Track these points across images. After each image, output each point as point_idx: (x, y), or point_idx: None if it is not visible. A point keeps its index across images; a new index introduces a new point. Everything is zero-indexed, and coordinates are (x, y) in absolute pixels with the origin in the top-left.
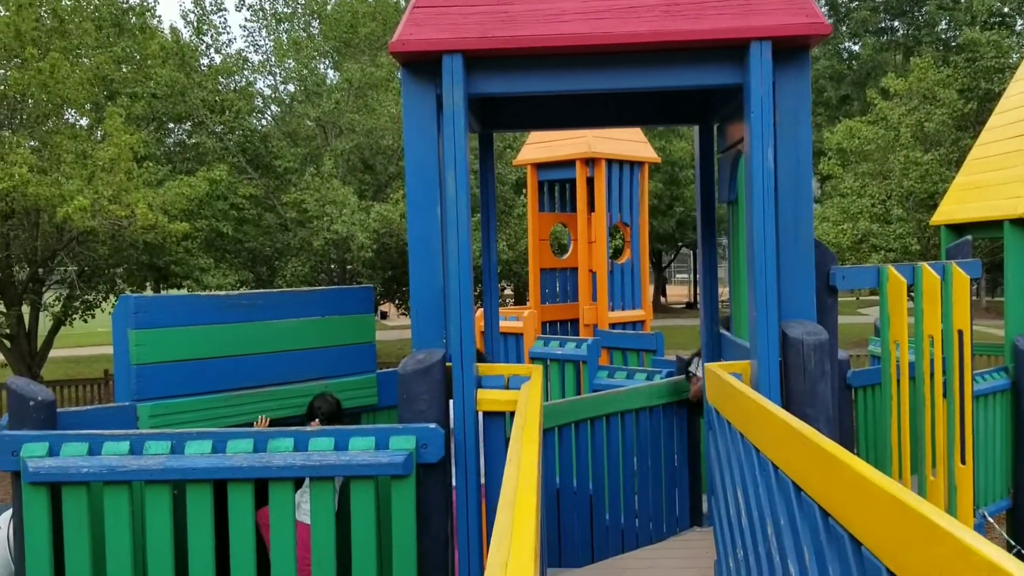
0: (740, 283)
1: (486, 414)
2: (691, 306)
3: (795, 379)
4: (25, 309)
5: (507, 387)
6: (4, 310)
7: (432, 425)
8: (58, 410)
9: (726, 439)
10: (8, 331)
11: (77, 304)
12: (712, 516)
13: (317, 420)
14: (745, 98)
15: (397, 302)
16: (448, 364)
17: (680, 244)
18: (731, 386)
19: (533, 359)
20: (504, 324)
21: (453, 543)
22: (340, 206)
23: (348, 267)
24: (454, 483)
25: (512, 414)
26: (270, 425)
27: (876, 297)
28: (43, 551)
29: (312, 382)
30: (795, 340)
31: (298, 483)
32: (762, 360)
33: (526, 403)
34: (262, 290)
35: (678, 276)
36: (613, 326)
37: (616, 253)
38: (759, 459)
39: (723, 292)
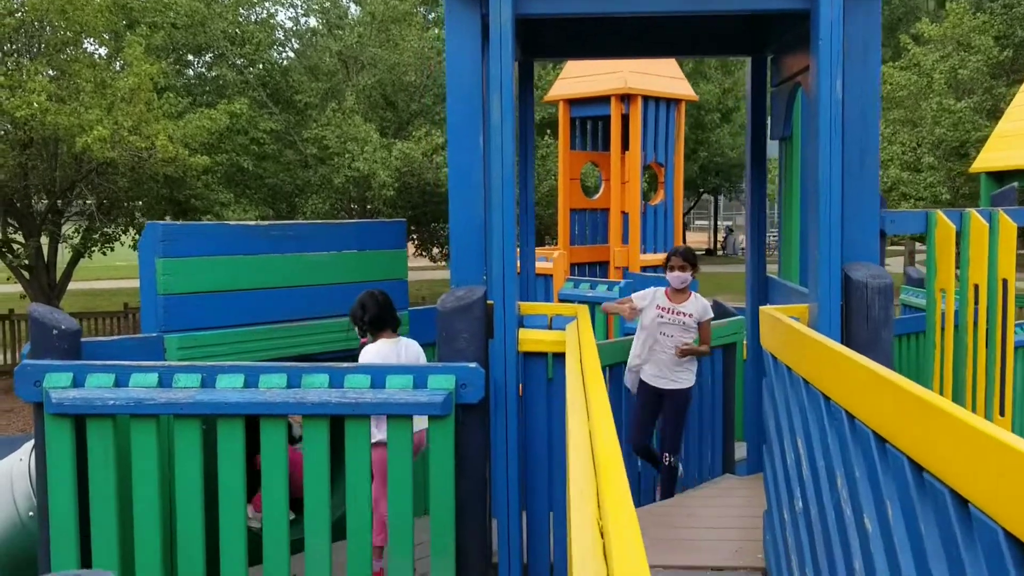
0: (792, 224)
1: (527, 354)
2: (711, 252)
3: (857, 324)
4: (44, 240)
5: (550, 327)
6: (23, 241)
7: (472, 364)
8: (82, 340)
9: (784, 386)
10: (27, 262)
11: (96, 236)
12: (764, 466)
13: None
14: (812, 24)
15: (416, 242)
16: (489, 302)
17: (702, 190)
18: (794, 331)
19: (563, 300)
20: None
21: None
22: (362, 143)
23: (368, 206)
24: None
25: (555, 355)
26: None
27: (897, 247)
28: (66, 484)
29: (343, 317)
30: (859, 283)
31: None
32: (823, 304)
33: (580, 343)
34: (294, 221)
35: (697, 223)
36: (644, 269)
37: (648, 194)
38: (828, 407)
39: (743, 239)
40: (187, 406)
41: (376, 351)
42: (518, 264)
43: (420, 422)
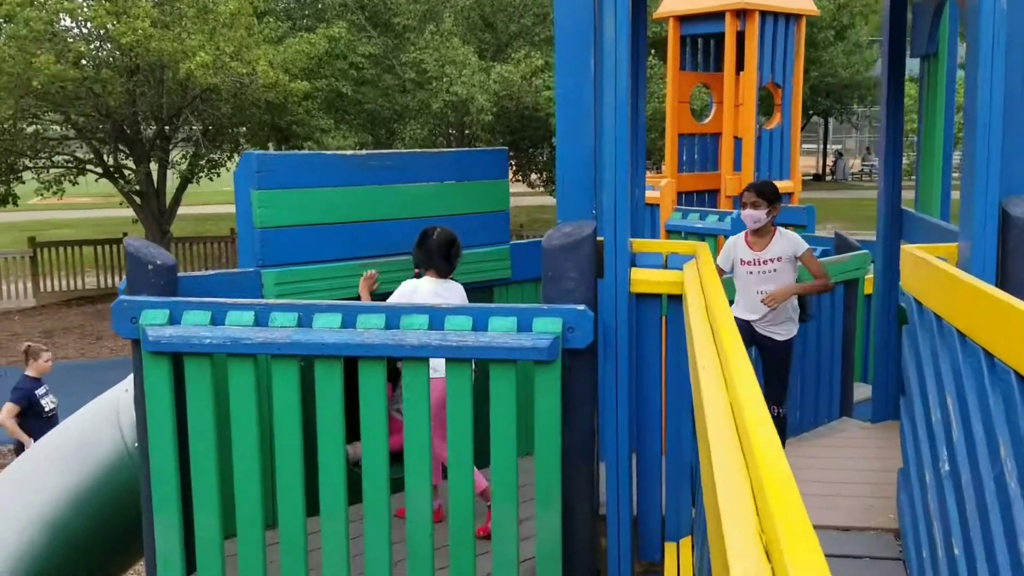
0: (934, 151)
1: (639, 296)
2: (819, 178)
3: (1016, 267)
4: (153, 167)
5: (665, 266)
6: (133, 167)
7: (580, 307)
8: (179, 275)
9: (931, 335)
10: (138, 188)
11: (203, 163)
12: (901, 419)
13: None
14: None
15: (514, 167)
16: (599, 239)
17: (811, 112)
18: (946, 274)
19: (669, 232)
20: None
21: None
22: (460, 66)
23: (466, 131)
24: None
25: (670, 298)
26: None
27: None
28: (165, 421)
29: None
30: (1019, 220)
31: None
32: (976, 243)
33: (704, 288)
34: (391, 151)
35: (805, 146)
36: None
37: (762, 118)
38: (991, 365)
39: (853, 164)
40: (284, 346)
41: (411, 289)
42: None
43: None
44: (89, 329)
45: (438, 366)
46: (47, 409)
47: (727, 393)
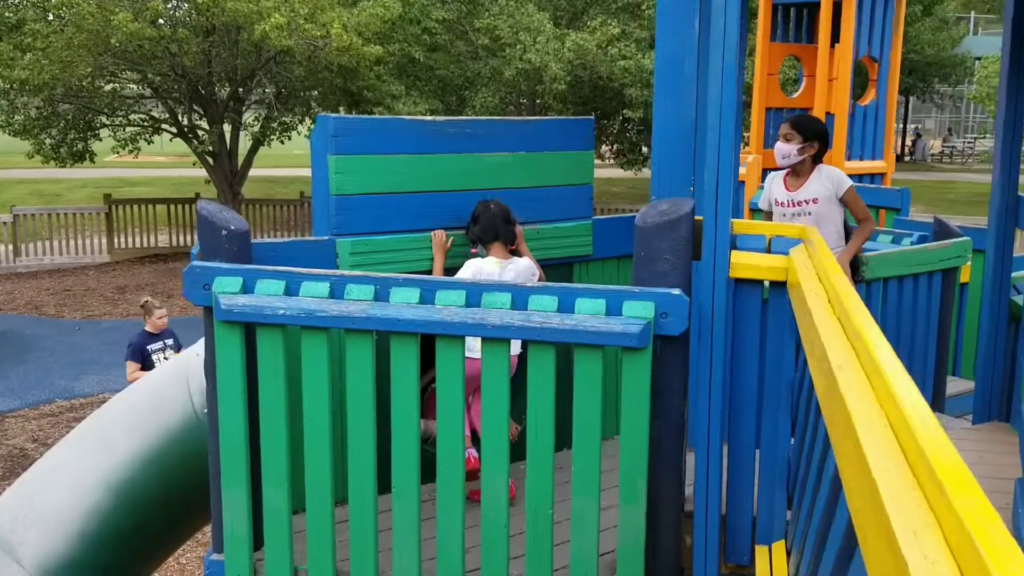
0: None
1: (738, 281)
2: (897, 158)
3: None
4: (226, 128)
5: (768, 250)
6: (207, 127)
7: (675, 291)
8: (253, 241)
9: None
10: (211, 148)
11: (275, 125)
12: (1020, 427)
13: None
14: None
15: None
16: (697, 218)
17: None
18: None
19: (754, 211)
20: None
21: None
22: (534, 33)
23: (538, 100)
24: None
25: (772, 284)
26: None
27: None
28: (236, 392)
29: (523, 226)
30: None
31: None
32: None
33: (824, 277)
34: (472, 117)
35: None
36: (849, 178)
37: (857, 93)
38: None
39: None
40: (359, 320)
41: (476, 268)
42: None
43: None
44: (160, 287)
45: (474, 346)
46: (157, 364)
47: (875, 395)
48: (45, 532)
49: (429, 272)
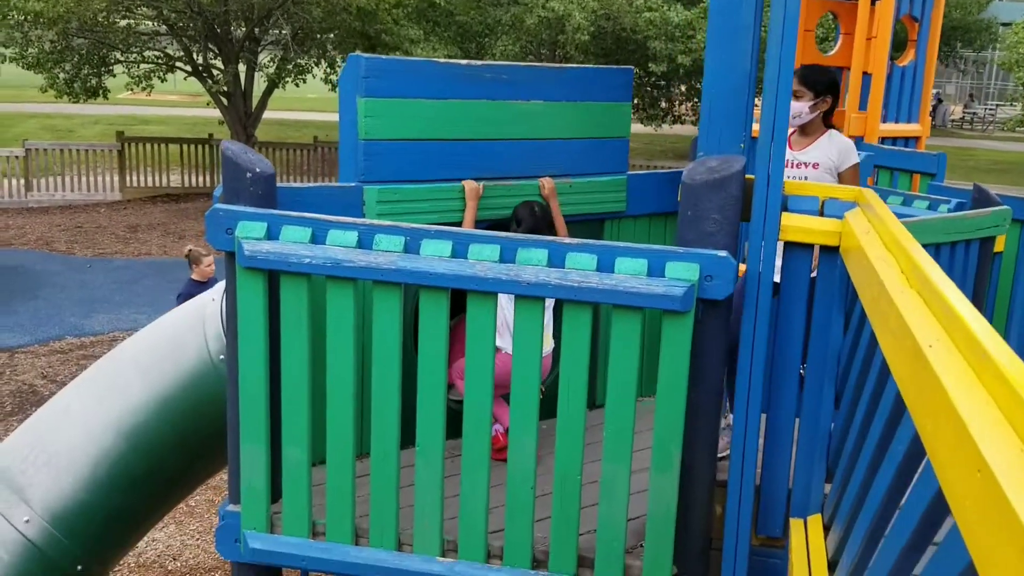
0: None
1: (788, 245)
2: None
3: None
4: (241, 69)
5: (821, 213)
6: (222, 67)
7: (721, 253)
8: (278, 185)
9: None
10: (225, 88)
11: (290, 67)
12: None
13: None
14: None
15: None
16: (748, 177)
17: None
18: None
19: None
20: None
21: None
22: None
23: (558, 52)
24: None
25: (823, 248)
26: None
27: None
28: (258, 341)
29: (555, 179)
30: None
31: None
32: None
33: (898, 243)
34: (508, 62)
35: None
36: (883, 140)
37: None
38: None
39: (954, 110)
40: (388, 272)
41: None
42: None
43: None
44: (172, 227)
45: (504, 345)
46: None
47: (978, 378)
48: (55, 474)
49: (459, 224)
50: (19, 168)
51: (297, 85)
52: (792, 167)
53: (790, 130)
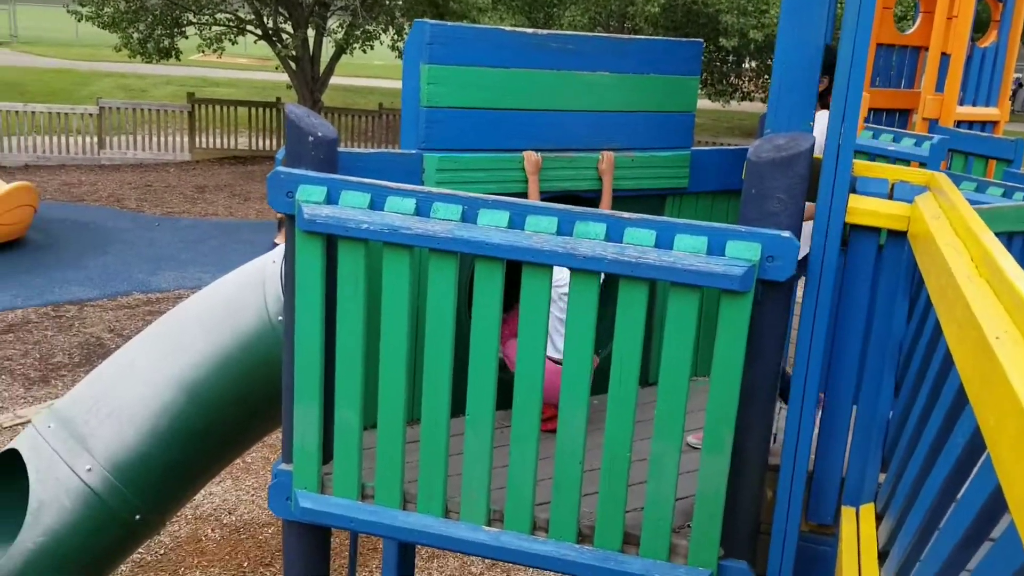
0: None
1: (853, 227)
2: None
3: None
4: (310, 33)
5: (890, 196)
6: (291, 31)
7: (785, 233)
8: (339, 150)
9: None
10: (294, 53)
11: (358, 33)
12: None
13: None
14: None
15: None
16: (817, 155)
17: None
18: None
19: (856, 152)
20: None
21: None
22: None
23: (627, 23)
24: None
25: (891, 233)
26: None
27: None
28: (314, 304)
29: (618, 152)
30: None
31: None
32: None
33: (968, 231)
34: (573, 32)
35: None
36: (959, 124)
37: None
38: None
39: None
40: (444, 241)
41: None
42: None
43: None
44: (238, 189)
45: (555, 351)
46: None
47: None
48: (117, 426)
49: (516, 195)
50: (93, 126)
51: (364, 51)
52: None
53: None
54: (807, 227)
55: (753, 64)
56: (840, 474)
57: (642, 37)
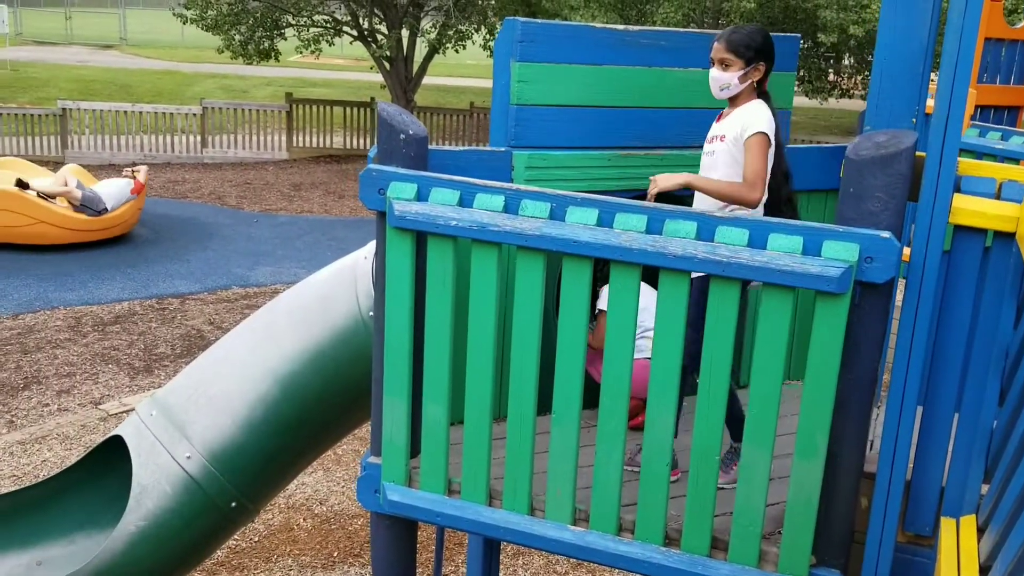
0: None
1: (958, 228)
2: None
3: None
4: (404, 34)
5: (998, 196)
6: (386, 32)
7: (885, 234)
8: (430, 148)
9: None
10: (388, 53)
11: (451, 33)
12: None
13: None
14: None
15: None
16: (919, 154)
17: None
18: None
19: (962, 151)
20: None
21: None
22: None
23: (722, 20)
24: None
25: (998, 235)
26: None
27: None
28: (404, 299)
29: None
30: None
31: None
32: None
33: None
34: (665, 28)
35: None
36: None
37: None
38: None
39: None
40: (532, 238)
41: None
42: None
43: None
44: (333, 187)
45: (643, 346)
46: None
47: None
48: (214, 415)
49: (605, 192)
50: (196, 125)
51: (457, 51)
52: (712, 141)
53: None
54: None
55: (852, 61)
56: (940, 484)
57: None
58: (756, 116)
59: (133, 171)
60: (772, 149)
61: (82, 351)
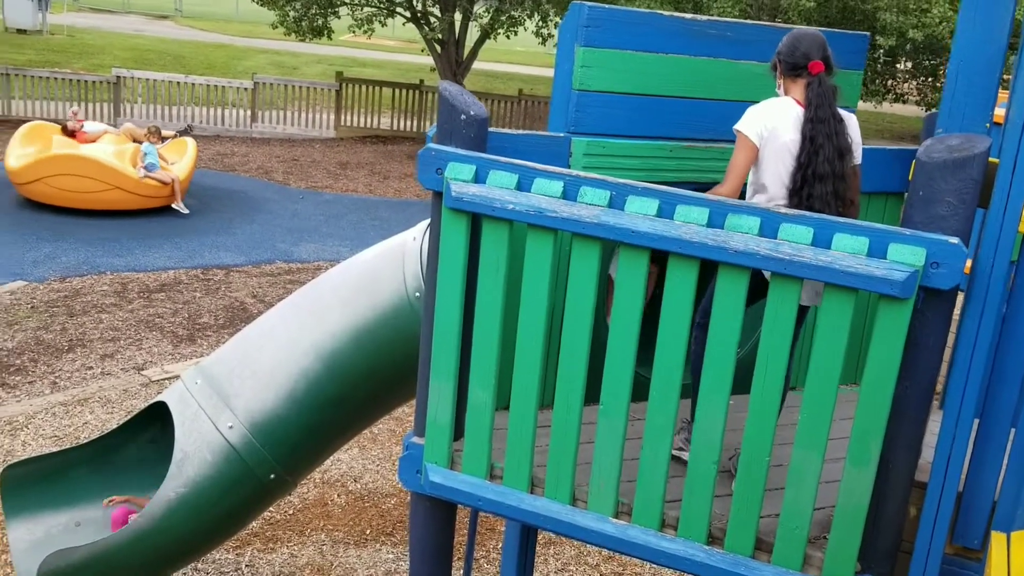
0: None
1: None
2: None
3: None
4: (457, 17)
5: None
6: (439, 15)
7: (953, 239)
8: (489, 130)
9: None
10: (440, 36)
11: (503, 18)
12: None
13: None
14: None
15: None
16: (992, 160)
17: None
18: None
19: None
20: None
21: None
22: None
23: (779, 17)
24: None
25: None
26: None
27: None
28: (456, 280)
29: None
30: None
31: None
32: None
33: None
34: (733, 19)
35: None
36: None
37: None
38: None
39: None
40: (590, 226)
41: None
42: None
43: None
44: (378, 167)
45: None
46: None
47: None
48: (257, 388)
49: (664, 183)
50: (247, 100)
51: (508, 37)
52: None
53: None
54: None
55: (909, 65)
56: (992, 497)
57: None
58: (748, 112)
59: (75, 114)
60: (777, 147)
61: (127, 317)
